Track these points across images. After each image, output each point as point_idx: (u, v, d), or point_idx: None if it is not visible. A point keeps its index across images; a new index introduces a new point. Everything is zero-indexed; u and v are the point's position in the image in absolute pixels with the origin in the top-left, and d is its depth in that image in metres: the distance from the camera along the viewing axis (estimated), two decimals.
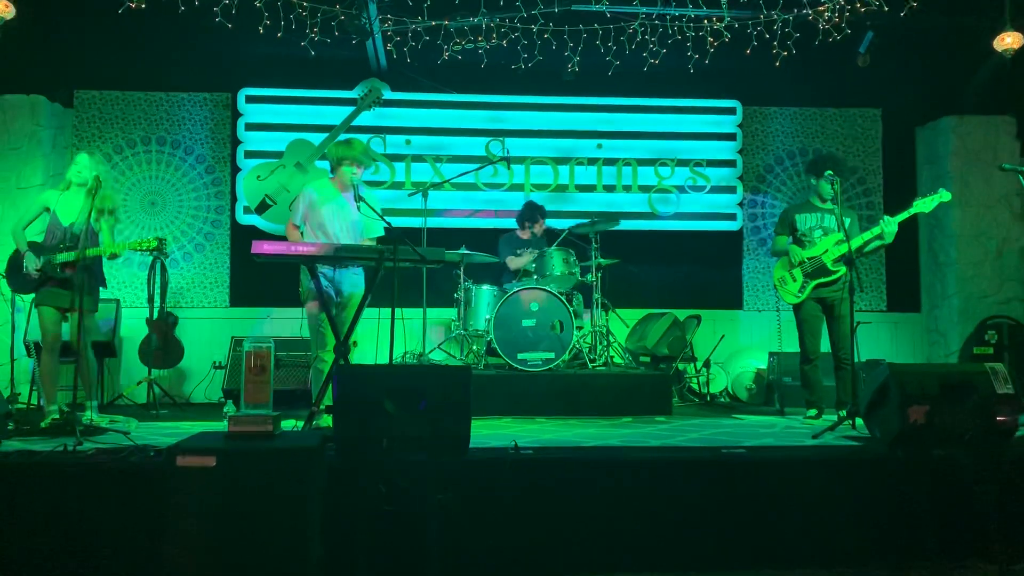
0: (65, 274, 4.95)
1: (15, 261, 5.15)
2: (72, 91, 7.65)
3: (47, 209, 5.12)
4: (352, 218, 5.02)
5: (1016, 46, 6.51)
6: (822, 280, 5.46)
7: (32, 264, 4.98)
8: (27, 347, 6.53)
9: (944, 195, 5.33)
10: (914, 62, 7.55)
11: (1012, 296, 7.87)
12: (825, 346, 5.61)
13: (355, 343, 5.09)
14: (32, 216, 5.17)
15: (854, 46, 6.92)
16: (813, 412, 5.57)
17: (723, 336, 7.74)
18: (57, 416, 4.88)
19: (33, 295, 5.15)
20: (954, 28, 6.92)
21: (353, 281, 5.03)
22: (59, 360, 5.15)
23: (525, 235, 7.07)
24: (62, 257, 4.95)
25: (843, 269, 5.28)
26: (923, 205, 5.33)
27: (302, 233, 5.05)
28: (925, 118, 8.30)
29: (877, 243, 5.44)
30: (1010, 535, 3.53)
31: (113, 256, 5.16)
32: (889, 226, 5.30)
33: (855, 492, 3.78)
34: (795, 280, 5.57)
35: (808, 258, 5.49)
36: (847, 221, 5.41)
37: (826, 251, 5.41)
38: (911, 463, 3.63)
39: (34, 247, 5.05)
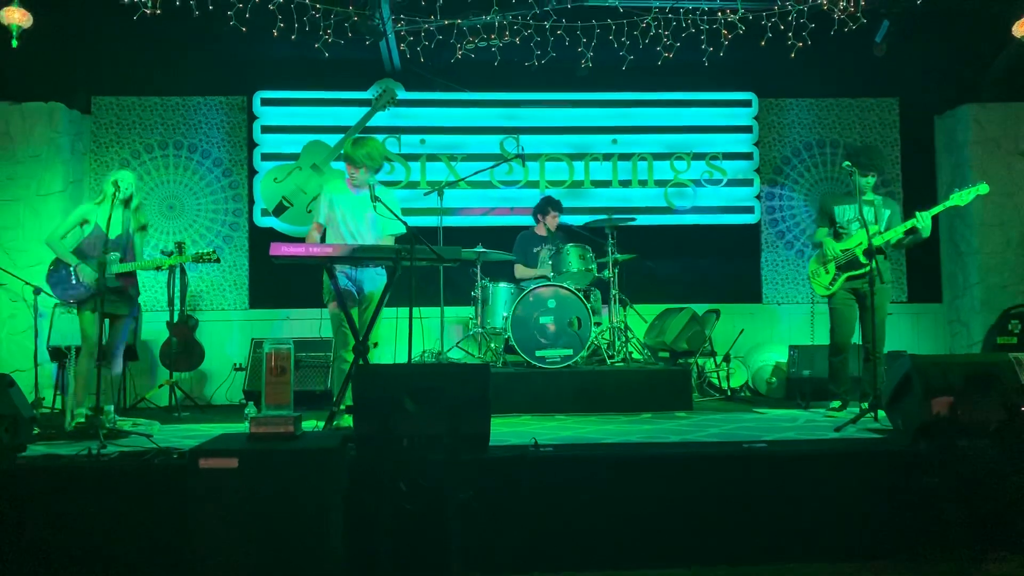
0: (117, 283, 5.22)
1: (58, 271, 5.25)
2: (89, 97, 7.72)
3: (85, 221, 5.29)
4: (369, 218, 5.05)
5: None
6: (853, 272, 5.46)
7: (90, 276, 5.12)
8: (50, 353, 6.61)
9: (982, 187, 5.29)
10: (931, 50, 7.48)
11: None
12: (858, 338, 5.59)
13: (376, 344, 5.11)
14: (69, 228, 5.31)
15: (870, 35, 6.86)
16: (837, 404, 5.57)
17: (742, 330, 7.70)
18: (83, 420, 4.93)
19: (63, 303, 5.42)
20: (971, 15, 6.85)
21: (375, 281, 5.06)
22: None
23: (541, 231, 7.07)
24: (118, 268, 5.20)
25: (873, 263, 5.26)
26: (960, 198, 5.28)
27: (325, 233, 5.11)
28: (944, 107, 8.21)
29: (911, 238, 5.40)
30: None
31: (158, 268, 5.60)
32: (922, 220, 5.28)
33: (878, 485, 3.75)
34: (828, 273, 5.60)
35: (842, 251, 5.50)
36: (886, 213, 5.41)
37: (860, 243, 5.41)
38: (935, 455, 3.59)
39: (80, 257, 5.22)
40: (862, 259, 5.39)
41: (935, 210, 5.31)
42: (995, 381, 3.55)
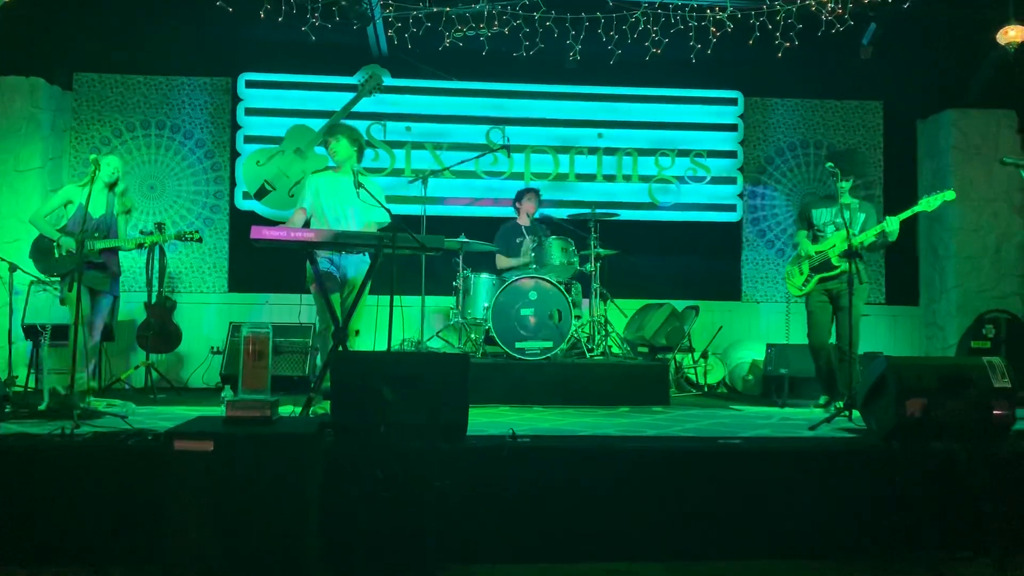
0: (100, 259, 5.35)
1: (41, 246, 5.40)
2: (71, 74, 7.62)
3: (69, 202, 5.40)
4: (353, 204, 5.02)
5: (1019, 40, 6.48)
6: (826, 274, 5.55)
7: (71, 246, 5.22)
8: (24, 331, 6.54)
9: (949, 194, 5.38)
10: (916, 55, 7.54)
11: (1010, 291, 7.88)
12: (835, 338, 5.67)
13: (357, 332, 5.09)
14: (54, 207, 5.46)
15: (857, 38, 6.90)
16: (823, 400, 5.63)
17: (721, 327, 7.74)
18: (84, 387, 5.02)
19: (45, 277, 5.54)
20: (957, 21, 6.90)
21: (359, 267, 5.04)
22: (54, 343, 5.54)
23: (524, 220, 7.06)
24: (101, 244, 5.33)
25: (845, 264, 5.33)
26: (927, 204, 5.38)
27: (310, 219, 5.08)
28: (926, 111, 8.28)
29: (881, 241, 5.47)
30: (1006, 528, 3.54)
31: (139, 246, 5.70)
32: (891, 224, 5.35)
33: (850, 484, 3.80)
34: (801, 274, 5.69)
35: (816, 252, 5.59)
36: (861, 217, 5.49)
37: (833, 246, 5.51)
38: (907, 455, 3.64)
39: (65, 233, 5.34)
40: (834, 261, 5.48)
41: (903, 215, 5.40)
42: (968, 384, 3.59)
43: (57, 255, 5.34)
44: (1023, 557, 3.58)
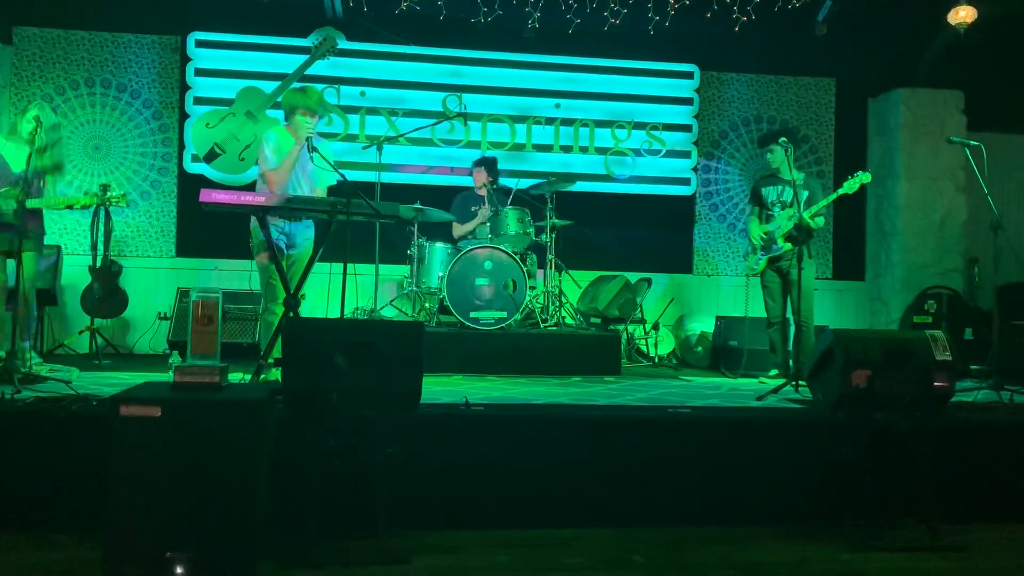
0: (13, 220, 4.80)
1: None
2: (11, 28, 7.32)
3: None
4: (309, 168, 4.93)
5: (969, 20, 6.61)
6: (773, 255, 5.85)
7: None
8: None
9: (866, 176, 5.63)
10: (869, 33, 7.63)
11: (952, 267, 8.09)
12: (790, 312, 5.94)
13: (303, 296, 5.02)
14: None
15: (813, 15, 6.96)
16: (774, 372, 5.82)
17: (672, 299, 7.83)
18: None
19: None
20: (909, 0, 7.00)
21: (306, 234, 4.96)
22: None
23: (481, 191, 7.02)
24: (30, 204, 4.84)
25: (788, 245, 5.64)
26: (848, 187, 5.61)
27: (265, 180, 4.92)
28: (877, 89, 8.41)
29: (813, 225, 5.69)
30: (942, 496, 3.66)
31: (69, 207, 5.19)
32: (815, 222, 5.66)
33: (797, 453, 3.89)
34: (755, 253, 5.97)
35: (765, 234, 5.88)
36: (805, 194, 5.67)
37: (779, 227, 5.78)
38: (851, 426, 3.73)
39: None
40: (780, 242, 5.75)
41: (821, 204, 5.69)
42: (911, 357, 3.68)
43: None
44: (957, 525, 3.72)
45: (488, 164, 7.05)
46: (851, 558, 3.41)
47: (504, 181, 7.21)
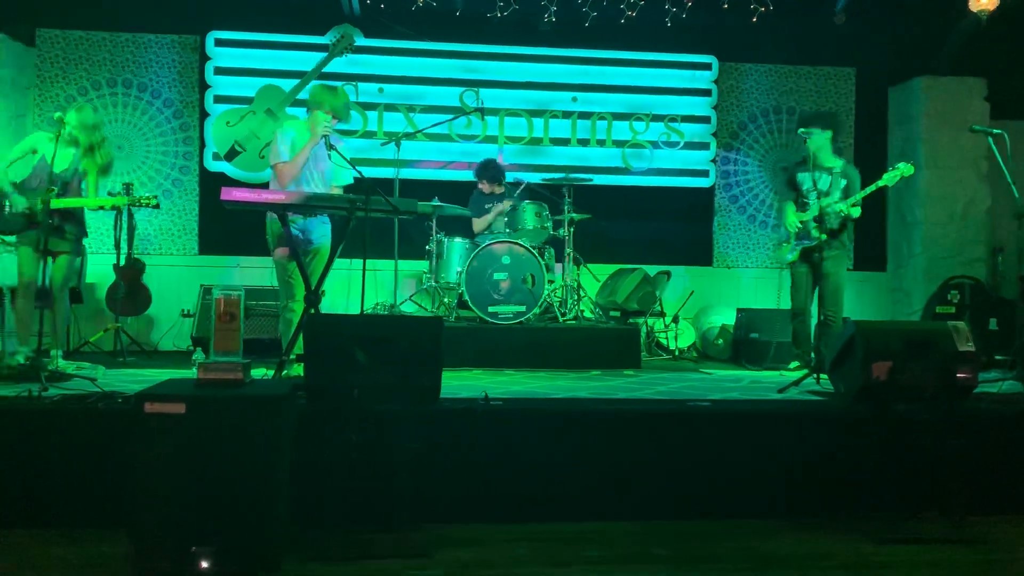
0: (53, 219, 4.94)
1: None
2: (34, 30, 7.40)
3: (34, 151, 5.10)
4: (324, 165, 4.95)
5: (991, 7, 6.53)
6: (807, 244, 5.66)
7: (21, 205, 4.96)
8: None
9: (908, 169, 5.44)
10: (889, 21, 7.55)
11: (975, 257, 8.00)
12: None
13: (323, 292, 5.05)
14: (17, 156, 5.12)
15: (831, 4, 6.90)
16: (795, 364, 5.74)
17: (692, 292, 7.80)
18: (24, 360, 4.81)
19: (6, 236, 5.20)
20: None
21: (323, 230, 4.98)
22: (33, 305, 5.12)
23: (485, 189, 7.02)
24: (56, 203, 4.93)
25: (824, 235, 5.44)
26: (888, 179, 5.45)
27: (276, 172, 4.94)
28: (898, 78, 8.32)
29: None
30: (965, 488, 3.63)
31: (100, 208, 5.27)
32: (855, 211, 5.53)
33: (818, 445, 3.87)
34: (788, 242, 5.80)
35: (801, 222, 5.68)
36: (842, 183, 5.57)
37: (814, 216, 5.54)
38: (873, 418, 3.71)
39: (17, 187, 5.03)
40: (814, 232, 5.53)
41: (862, 193, 5.53)
42: (933, 348, 3.65)
43: (7, 212, 5.02)
44: (981, 517, 3.70)
45: (486, 172, 6.97)
46: (874, 550, 3.40)
47: (521, 175, 7.20)
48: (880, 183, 5.48)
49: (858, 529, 3.59)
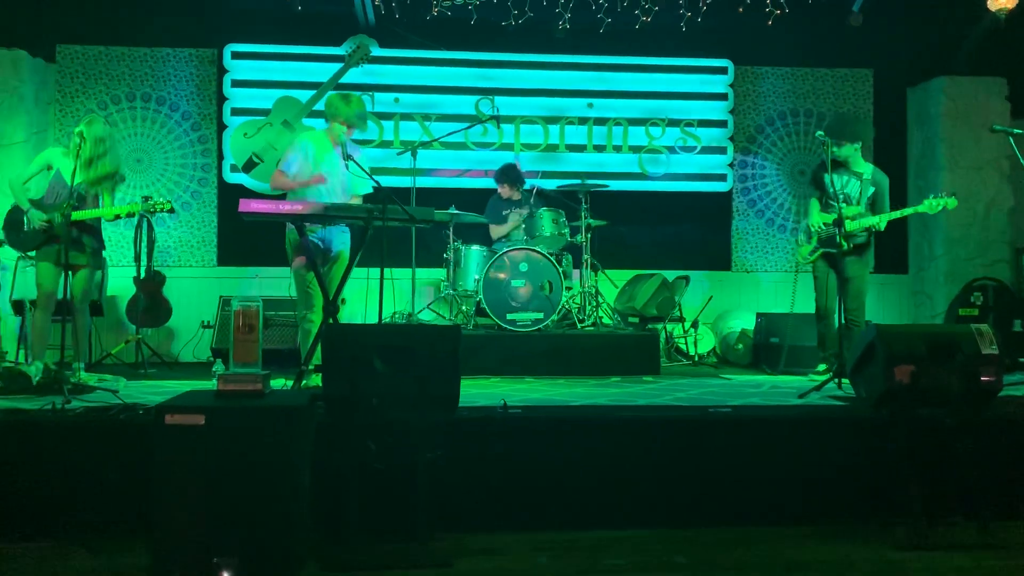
0: (72, 232, 4.92)
1: (14, 217, 5.13)
2: (54, 46, 7.50)
3: (49, 167, 5.12)
4: (342, 175, 4.97)
5: (1010, 6, 6.47)
6: (830, 250, 5.59)
7: (38, 220, 4.99)
8: (13, 306, 6.50)
9: (951, 202, 5.41)
10: (907, 22, 7.50)
11: (998, 258, 7.91)
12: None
13: (344, 300, 5.07)
14: (33, 172, 5.14)
15: (847, 5, 6.86)
16: (822, 367, 5.67)
17: (711, 297, 7.76)
18: (40, 374, 4.85)
19: (20, 253, 5.24)
20: None
21: (342, 239, 5.01)
22: (51, 318, 5.15)
23: (505, 193, 7.02)
24: (75, 216, 4.91)
25: (846, 244, 5.33)
26: (929, 207, 5.42)
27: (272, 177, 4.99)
28: (916, 79, 8.25)
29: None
30: (991, 493, 3.58)
31: (116, 217, 5.26)
32: (881, 224, 5.50)
33: (840, 451, 3.84)
34: (809, 243, 5.75)
35: (824, 224, 5.58)
36: (871, 191, 5.52)
37: (840, 222, 5.38)
38: (895, 422, 3.67)
39: (35, 204, 5.07)
40: (837, 236, 5.41)
41: (896, 214, 5.50)
42: (956, 351, 3.61)
43: (27, 228, 5.05)
44: (1008, 522, 3.64)
45: (507, 176, 7.00)
46: (899, 557, 3.35)
47: (537, 182, 7.20)
48: (920, 208, 5.46)
49: (882, 535, 3.55)
